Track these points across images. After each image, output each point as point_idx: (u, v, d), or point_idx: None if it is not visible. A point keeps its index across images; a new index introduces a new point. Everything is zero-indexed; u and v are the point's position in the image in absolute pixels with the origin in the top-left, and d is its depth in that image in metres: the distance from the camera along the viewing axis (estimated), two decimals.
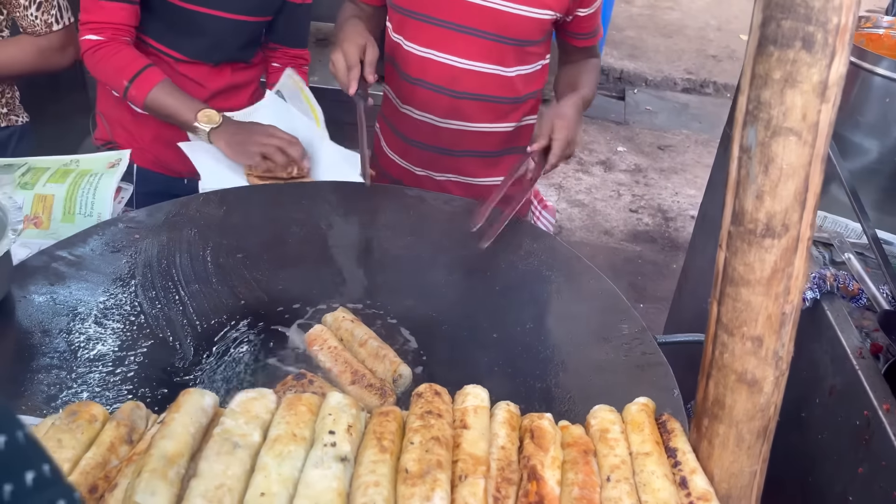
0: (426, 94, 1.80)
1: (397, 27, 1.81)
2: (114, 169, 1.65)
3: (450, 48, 1.73)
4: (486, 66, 1.74)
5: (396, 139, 1.94)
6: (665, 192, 4.76)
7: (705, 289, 2.02)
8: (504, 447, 0.89)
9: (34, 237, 1.58)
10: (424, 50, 1.75)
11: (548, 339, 1.31)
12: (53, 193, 1.58)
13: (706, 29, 7.58)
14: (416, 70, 1.79)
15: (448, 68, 1.75)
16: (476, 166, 1.90)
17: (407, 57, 1.79)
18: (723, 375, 0.83)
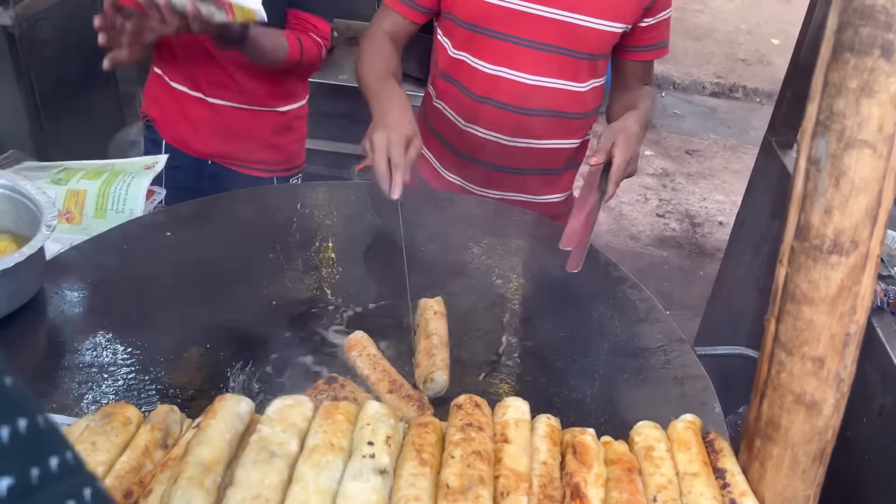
0: (494, 112, 1.71)
1: (461, 44, 1.70)
2: (149, 170, 1.64)
3: (521, 65, 1.65)
4: (559, 83, 1.67)
5: (456, 158, 1.83)
6: (693, 197, 4.69)
7: (741, 299, 1.99)
8: (546, 462, 0.86)
9: (66, 232, 1.58)
10: (494, 67, 1.67)
11: (584, 349, 1.28)
12: (86, 189, 1.58)
13: (736, 32, 7.48)
14: (483, 88, 1.69)
15: (519, 86, 1.67)
16: (538, 184, 1.83)
17: (473, 75, 1.69)
18: (779, 395, 0.79)
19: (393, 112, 1.49)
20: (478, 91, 1.71)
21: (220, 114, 1.98)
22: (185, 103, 1.98)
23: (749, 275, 1.90)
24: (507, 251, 1.53)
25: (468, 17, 1.65)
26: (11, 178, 1.32)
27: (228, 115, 1.97)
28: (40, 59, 3.02)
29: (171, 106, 2.02)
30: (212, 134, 2.00)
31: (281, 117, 2.06)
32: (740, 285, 1.97)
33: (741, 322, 1.93)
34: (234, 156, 2.06)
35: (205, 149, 2.04)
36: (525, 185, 1.83)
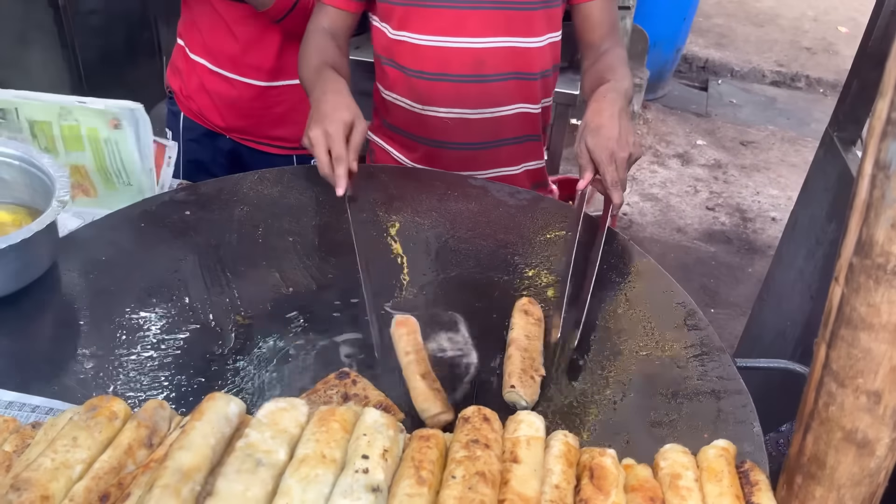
0: (450, 87, 1.60)
1: (402, 23, 1.59)
2: (119, 130, 1.56)
3: (469, 30, 1.54)
4: (513, 41, 1.56)
5: (422, 147, 1.73)
6: (745, 190, 4.50)
7: (790, 306, 1.86)
8: (558, 486, 0.78)
9: (86, 205, 1.55)
10: (441, 39, 1.56)
11: (612, 354, 1.19)
12: (84, 164, 1.55)
13: (801, 19, 7.15)
14: (434, 64, 1.58)
15: (471, 53, 1.56)
16: (514, 154, 1.74)
17: (422, 53, 1.58)
18: (826, 430, 0.70)
19: (327, 101, 1.40)
20: (429, 69, 1.60)
21: (237, 88, 1.93)
22: (203, 76, 1.95)
23: (801, 281, 1.78)
24: (526, 243, 1.44)
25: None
26: (27, 151, 1.29)
27: (246, 89, 1.92)
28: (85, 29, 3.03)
29: (190, 78, 1.98)
30: (229, 109, 1.95)
31: (300, 92, 1.98)
32: (791, 291, 1.84)
33: (789, 331, 1.81)
34: (252, 132, 2.01)
35: (222, 123, 2.00)
36: (500, 157, 1.73)
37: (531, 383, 1.04)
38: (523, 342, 1.10)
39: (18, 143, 1.30)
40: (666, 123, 5.18)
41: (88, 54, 3.07)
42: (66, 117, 1.57)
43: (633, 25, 4.55)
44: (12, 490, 0.71)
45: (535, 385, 1.05)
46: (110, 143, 1.55)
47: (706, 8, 6.87)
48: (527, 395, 1.02)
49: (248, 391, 1.06)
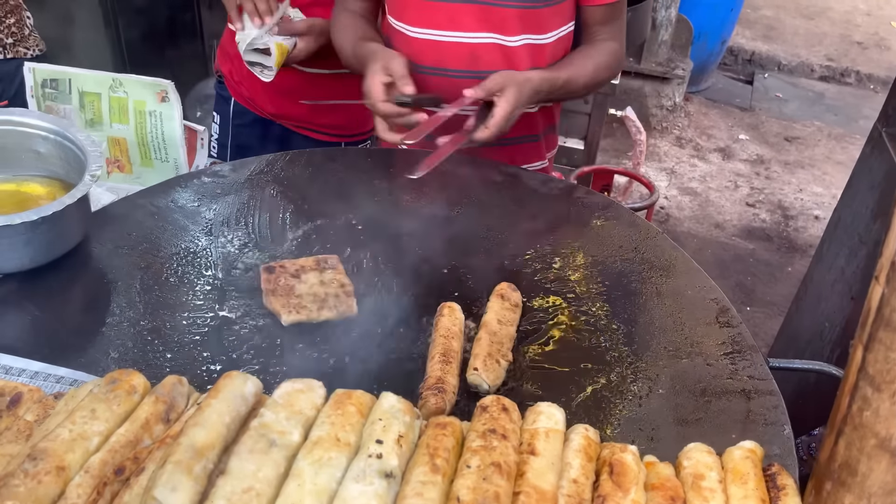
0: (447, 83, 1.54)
1: (398, 12, 1.56)
2: (167, 103, 1.58)
3: (466, 24, 1.50)
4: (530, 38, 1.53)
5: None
6: (788, 187, 4.39)
7: (829, 306, 1.80)
8: (576, 480, 0.76)
9: (120, 181, 1.57)
10: (437, 33, 1.52)
11: (640, 348, 1.16)
12: (125, 136, 1.57)
13: (854, 13, 6.93)
14: (431, 58, 1.54)
15: (468, 48, 1.52)
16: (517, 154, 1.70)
17: (416, 45, 1.54)
18: (859, 436, 0.67)
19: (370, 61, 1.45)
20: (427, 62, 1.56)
21: (285, 74, 1.89)
22: None
23: (841, 280, 1.72)
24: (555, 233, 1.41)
25: None
26: (63, 125, 1.30)
27: (294, 75, 1.89)
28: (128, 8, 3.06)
29: (239, 63, 1.98)
30: (278, 94, 1.94)
31: (347, 78, 1.96)
32: (830, 291, 1.78)
33: (827, 333, 1.75)
34: (300, 118, 2.00)
35: (271, 109, 1.99)
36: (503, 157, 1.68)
37: (495, 367, 1.05)
38: (494, 326, 1.11)
39: (54, 117, 1.32)
40: (708, 117, 5.07)
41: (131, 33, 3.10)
42: (117, 89, 1.60)
43: (677, 15, 4.46)
44: (29, 459, 0.72)
45: (499, 369, 1.05)
46: (154, 116, 1.58)
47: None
48: (489, 378, 1.03)
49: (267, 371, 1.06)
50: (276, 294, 1.15)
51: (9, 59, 2.03)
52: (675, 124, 4.89)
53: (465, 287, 1.26)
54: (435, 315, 1.14)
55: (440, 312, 1.13)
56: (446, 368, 1.01)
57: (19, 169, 1.34)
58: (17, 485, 0.70)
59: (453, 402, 1.00)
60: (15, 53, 2.03)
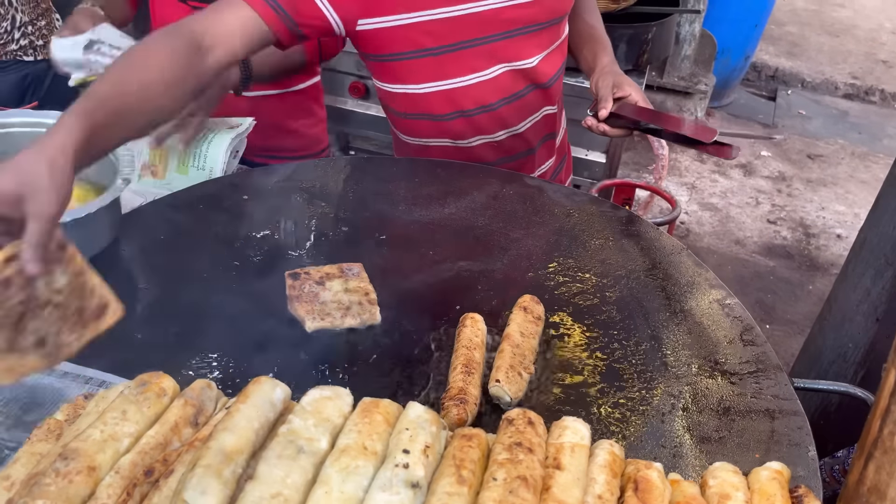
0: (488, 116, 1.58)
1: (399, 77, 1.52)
2: (232, 130, 1.62)
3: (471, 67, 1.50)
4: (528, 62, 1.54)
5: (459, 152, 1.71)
6: (810, 205, 4.35)
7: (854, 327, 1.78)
8: (601, 496, 0.76)
9: (150, 186, 1.58)
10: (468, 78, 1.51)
11: (663, 365, 1.16)
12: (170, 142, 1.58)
13: (879, 31, 6.88)
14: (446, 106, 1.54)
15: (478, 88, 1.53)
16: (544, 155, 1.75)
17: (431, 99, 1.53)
18: (889, 461, 0.66)
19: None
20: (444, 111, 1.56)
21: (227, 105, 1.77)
22: None
23: (867, 302, 1.70)
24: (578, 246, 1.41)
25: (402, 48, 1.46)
26: None
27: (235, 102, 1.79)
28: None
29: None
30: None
31: (292, 98, 1.92)
32: (855, 312, 1.76)
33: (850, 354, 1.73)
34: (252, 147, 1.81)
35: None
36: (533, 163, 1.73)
37: (517, 380, 1.05)
38: (517, 339, 1.11)
39: None
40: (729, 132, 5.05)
41: None
42: None
43: (701, 30, 4.45)
44: (60, 459, 0.73)
45: (521, 382, 1.05)
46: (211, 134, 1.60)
47: (779, 15, 6.66)
48: (511, 390, 1.03)
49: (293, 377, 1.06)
50: (300, 300, 1.16)
51: (39, 60, 2.06)
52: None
53: (486, 298, 1.26)
54: (457, 326, 1.14)
55: (462, 323, 1.13)
56: (468, 379, 1.02)
57: None
58: (49, 483, 0.71)
59: (475, 412, 1.00)
60: (45, 55, 2.06)
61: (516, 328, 1.13)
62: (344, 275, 1.23)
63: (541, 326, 1.18)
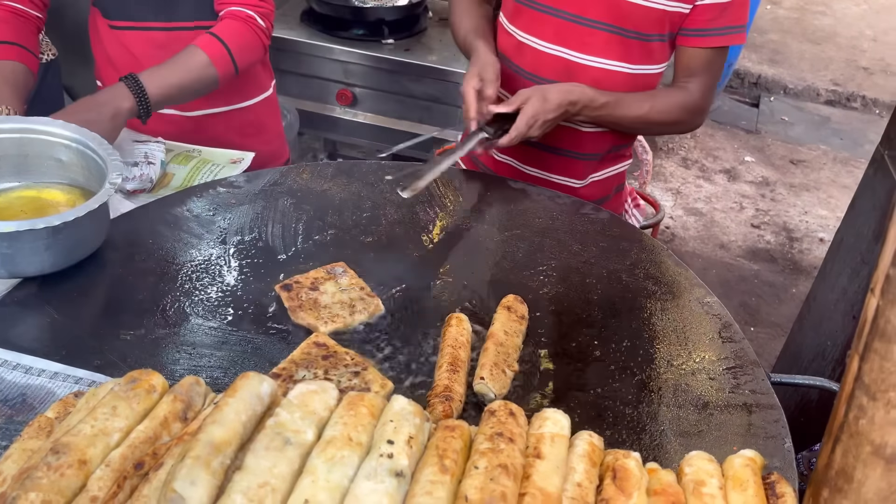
0: None
1: (512, 16, 1.67)
2: (235, 165, 1.65)
3: (568, 41, 1.59)
4: (605, 62, 1.59)
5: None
6: (793, 210, 4.41)
7: (831, 325, 1.82)
8: (580, 484, 0.79)
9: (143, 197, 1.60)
10: (541, 43, 1.61)
11: (645, 361, 1.19)
12: (174, 173, 1.61)
13: (860, 38, 6.99)
14: (531, 64, 1.65)
15: (564, 62, 1.60)
16: (585, 168, 1.75)
17: (522, 49, 1.65)
18: (855, 444, 0.69)
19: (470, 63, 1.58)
20: (526, 67, 1.66)
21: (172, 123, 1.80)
22: None
23: (843, 300, 1.74)
24: (561, 248, 1.44)
25: None
26: (83, 133, 1.34)
27: (182, 123, 1.81)
28: None
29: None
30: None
31: (244, 115, 1.91)
32: (833, 310, 1.80)
33: (829, 351, 1.77)
34: None
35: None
36: (571, 168, 1.74)
37: (501, 377, 1.07)
38: (501, 337, 1.13)
39: (76, 126, 1.35)
40: (714, 138, 5.11)
41: None
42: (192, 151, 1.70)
43: None
44: (51, 453, 0.74)
45: (505, 379, 1.08)
46: (216, 168, 1.62)
47: (761, 23, 6.75)
48: (495, 387, 1.05)
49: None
50: (304, 308, 1.18)
51: None
52: (681, 145, 4.93)
53: (471, 298, 1.29)
54: (443, 325, 1.17)
55: (448, 323, 1.16)
56: (454, 377, 1.04)
57: (41, 176, 1.38)
58: (41, 477, 0.72)
59: (460, 409, 1.02)
60: None
61: (500, 327, 1.15)
62: (332, 276, 1.25)
63: (524, 325, 1.20)
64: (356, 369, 1.06)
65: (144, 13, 1.72)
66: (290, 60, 2.98)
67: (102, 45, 1.81)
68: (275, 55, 2.94)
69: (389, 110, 3.01)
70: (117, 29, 1.76)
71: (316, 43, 2.91)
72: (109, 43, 1.78)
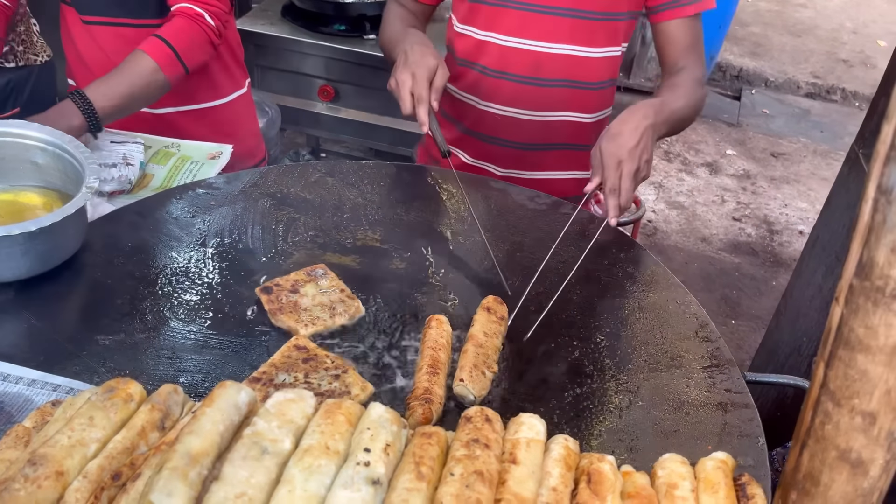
0: (510, 87, 1.66)
1: (466, 18, 1.66)
2: (215, 161, 1.65)
3: (533, 33, 1.59)
4: (571, 48, 1.60)
5: (476, 142, 1.79)
6: (774, 202, 4.46)
7: (808, 322, 1.85)
8: (556, 489, 0.80)
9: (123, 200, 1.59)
10: (505, 38, 1.61)
11: (622, 361, 1.20)
12: (154, 173, 1.60)
13: (840, 31, 7.04)
14: (496, 61, 1.65)
15: (532, 55, 1.61)
16: (561, 160, 1.77)
17: (485, 48, 1.64)
18: (821, 448, 0.70)
19: (414, 50, 1.47)
20: (491, 66, 1.66)
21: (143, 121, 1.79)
22: None
23: (819, 297, 1.77)
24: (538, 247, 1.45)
25: None
26: (59, 136, 1.33)
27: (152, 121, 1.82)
28: None
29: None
30: None
31: (217, 113, 1.91)
32: (808, 307, 1.83)
33: (805, 348, 1.80)
34: None
35: None
36: (546, 161, 1.76)
37: (481, 378, 1.08)
38: (480, 339, 1.14)
39: (52, 129, 1.34)
40: (696, 131, 5.14)
41: None
42: (171, 147, 1.68)
43: None
44: (29, 465, 0.74)
45: (484, 380, 1.09)
46: (195, 164, 1.62)
47: (743, 16, 6.79)
48: (475, 389, 1.06)
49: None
50: (283, 311, 1.19)
51: (20, 66, 2.07)
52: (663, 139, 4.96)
53: (452, 299, 1.30)
54: (423, 327, 1.17)
55: (428, 325, 1.16)
56: (433, 379, 1.05)
57: (17, 179, 1.37)
58: (18, 489, 0.72)
59: (440, 412, 1.03)
60: (26, 61, 2.08)
61: (480, 328, 1.16)
62: (312, 278, 1.26)
63: (504, 326, 1.21)
64: (336, 372, 1.07)
65: (116, 9, 1.73)
66: (271, 56, 2.97)
67: (73, 42, 1.81)
68: (256, 51, 2.94)
69: (372, 106, 3.00)
70: (90, 24, 1.76)
71: (297, 39, 2.90)
72: (80, 39, 1.79)
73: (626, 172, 1.33)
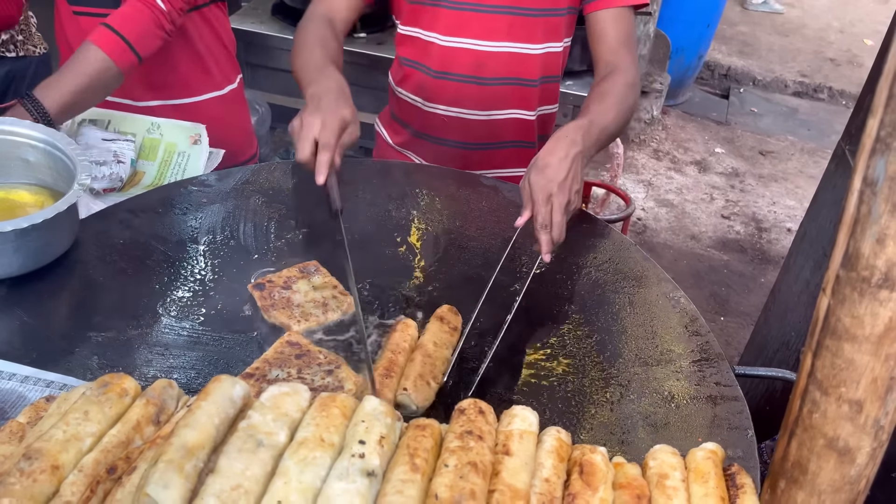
0: (454, 87, 1.65)
1: (409, 20, 1.65)
2: (198, 146, 1.65)
3: (472, 32, 1.58)
4: (511, 46, 1.59)
5: (424, 143, 1.78)
6: (762, 200, 4.49)
7: (796, 317, 1.87)
8: (548, 480, 0.81)
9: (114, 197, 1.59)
10: (446, 38, 1.61)
11: (613, 356, 1.21)
12: (145, 171, 1.61)
13: (827, 30, 7.10)
14: (439, 62, 1.64)
15: (473, 54, 1.60)
16: (510, 158, 1.77)
17: (429, 49, 1.63)
18: (809, 437, 0.72)
19: (330, 98, 1.35)
20: (434, 66, 1.65)
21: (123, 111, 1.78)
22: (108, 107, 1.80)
23: (807, 292, 1.79)
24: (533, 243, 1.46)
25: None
26: (51, 133, 1.33)
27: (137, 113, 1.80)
28: None
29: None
30: None
31: (206, 107, 1.90)
32: (796, 302, 1.85)
33: (793, 342, 1.82)
34: None
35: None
36: (495, 160, 1.77)
37: (425, 388, 1.06)
38: (430, 348, 1.12)
39: (43, 127, 1.34)
40: (685, 130, 5.17)
41: None
42: (153, 131, 1.67)
43: (655, 31, 4.55)
44: (24, 459, 0.75)
45: (428, 390, 1.06)
46: (182, 157, 1.62)
47: (731, 15, 6.83)
48: (417, 399, 1.04)
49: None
50: (276, 308, 1.19)
51: (20, 56, 2.07)
52: (653, 137, 4.98)
53: (443, 296, 1.30)
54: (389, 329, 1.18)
55: (394, 328, 1.16)
56: (385, 382, 1.04)
57: (8, 177, 1.37)
58: (14, 483, 0.73)
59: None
60: (25, 51, 2.09)
61: (430, 338, 1.15)
62: (305, 274, 1.26)
63: (456, 337, 1.19)
64: (329, 367, 1.07)
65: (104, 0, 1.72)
66: (261, 54, 2.97)
67: (65, 33, 1.81)
68: (246, 49, 2.94)
69: (362, 104, 2.99)
70: (79, 15, 1.76)
71: (287, 37, 2.90)
72: (71, 30, 1.79)
73: (557, 206, 1.27)
